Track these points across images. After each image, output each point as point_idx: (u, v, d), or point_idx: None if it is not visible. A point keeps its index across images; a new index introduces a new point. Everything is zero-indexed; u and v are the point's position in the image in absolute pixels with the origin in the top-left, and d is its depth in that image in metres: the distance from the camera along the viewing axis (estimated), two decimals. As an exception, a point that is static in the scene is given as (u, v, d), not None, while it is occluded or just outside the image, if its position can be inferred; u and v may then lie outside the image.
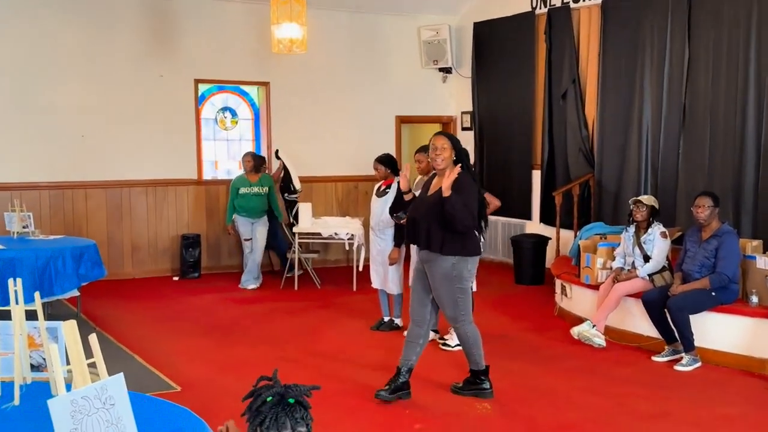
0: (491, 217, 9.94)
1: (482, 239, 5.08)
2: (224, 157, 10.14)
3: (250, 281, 8.70)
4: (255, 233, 8.71)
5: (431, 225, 4.65)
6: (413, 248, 6.32)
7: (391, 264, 6.53)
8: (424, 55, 10.68)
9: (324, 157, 10.27)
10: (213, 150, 10.04)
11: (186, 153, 9.58)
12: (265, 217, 8.80)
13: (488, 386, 4.92)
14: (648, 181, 7.79)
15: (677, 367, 5.61)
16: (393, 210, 6.37)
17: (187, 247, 9.38)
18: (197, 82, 9.61)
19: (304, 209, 8.57)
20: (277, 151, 9.43)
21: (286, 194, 9.23)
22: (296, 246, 8.63)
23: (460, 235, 4.62)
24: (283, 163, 9.24)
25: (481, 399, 4.88)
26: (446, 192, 4.55)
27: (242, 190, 8.59)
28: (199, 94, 9.75)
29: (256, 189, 8.67)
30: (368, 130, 10.48)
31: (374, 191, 6.77)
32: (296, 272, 8.75)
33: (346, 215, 9.91)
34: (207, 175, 9.86)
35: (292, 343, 6.36)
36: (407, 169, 5.33)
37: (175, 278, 9.37)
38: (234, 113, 10.15)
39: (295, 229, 8.59)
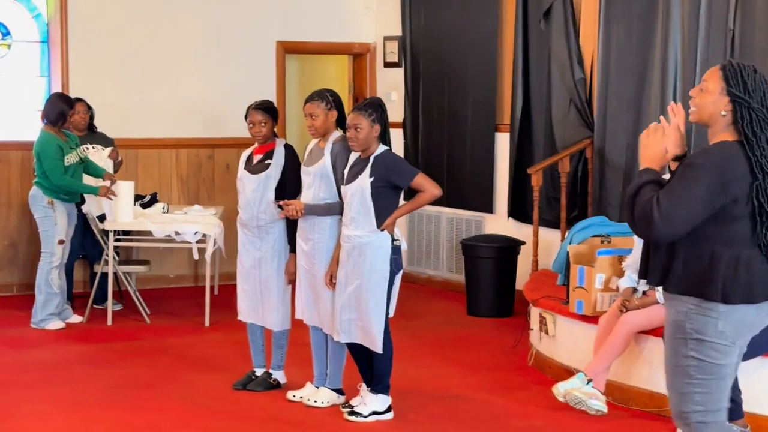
0: (430, 208, 10.14)
1: None
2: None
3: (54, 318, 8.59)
4: (69, 229, 8.62)
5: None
6: (299, 249, 6.45)
7: (290, 281, 6.62)
8: (323, -57, 10.78)
9: (158, 107, 10.21)
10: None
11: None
12: None
13: None
14: (676, 153, 8.01)
15: None
16: (279, 195, 6.47)
17: (-75, 255, 9.20)
18: (-57, -23, 9.43)
19: (123, 192, 8.47)
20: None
21: None
22: (110, 253, 8.55)
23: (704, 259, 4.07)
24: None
25: None
26: None
27: (69, 158, 8.42)
28: (-53, -2, 9.57)
29: (76, 156, 8.55)
30: (232, 66, 10.46)
31: (242, 164, 6.80)
32: (110, 303, 8.69)
33: (194, 203, 9.86)
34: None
35: (103, 410, 6.32)
36: None
37: None
38: (6, 31, 9.98)
39: (107, 226, 8.50)
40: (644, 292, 6.44)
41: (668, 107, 4.22)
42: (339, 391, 6.48)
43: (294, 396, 6.54)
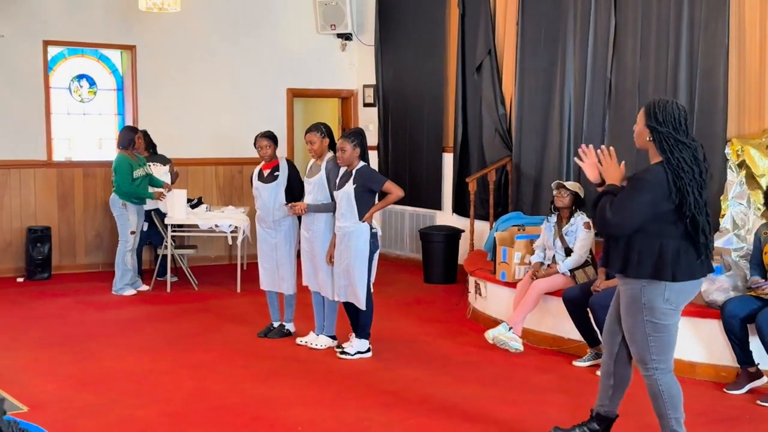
0: (397, 207, 10.18)
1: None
2: (81, 135, 9.88)
3: (128, 287, 8.52)
4: (139, 223, 8.58)
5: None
6: (305, 233, 6.43)
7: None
8: (320, 17, 10.69)
9: (202, 136, 10.16)
10: (67, 126, 9.77)
11: (32, 129, 9.29)
12: None
13: None
14: (571, 166, 8.04)
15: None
16: (288, 198, 6.50)
17: (35, 243, 9.12)
18: (46, 44, 9.33)
19: (178, 197, 8.47)
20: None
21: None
22: (168, 240, 8.52)
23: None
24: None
25: None
26: None
27: (137, 173, 8.39)
28: (49, 58, 9.47)
29: (143, 171, 8.52)
30: (255, 105, 10.42)
31: (254, 177, 6.77)
32: (169, 276, 8.66)
33: (228, 205, 9.85)
34: (59, 156, 9.59)
35: (164, 353, 6.31)
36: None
37: (20, 279, 9.10)
38: (92, 82, 9.91)
39: (167, 221, 8.47)
40: (548, 266, 6.49)
41: (580, 149, 4.20)
42: (333, 337, 6.49)
43: (300, 341, 6.55)
